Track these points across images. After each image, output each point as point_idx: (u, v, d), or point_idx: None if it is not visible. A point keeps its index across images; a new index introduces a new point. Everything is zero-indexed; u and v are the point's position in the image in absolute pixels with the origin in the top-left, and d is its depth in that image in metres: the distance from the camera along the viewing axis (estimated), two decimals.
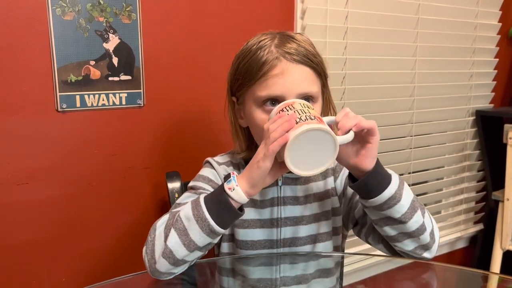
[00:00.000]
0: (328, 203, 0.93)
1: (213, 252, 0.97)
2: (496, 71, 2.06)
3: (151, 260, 0.76)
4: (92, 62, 1.14)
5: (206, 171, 0.93)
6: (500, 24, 2.01)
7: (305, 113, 0.72)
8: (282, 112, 0.74)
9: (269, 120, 0.75)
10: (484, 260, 1.99)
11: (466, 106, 2.00)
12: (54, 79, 1.11)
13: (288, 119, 0.70)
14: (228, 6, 1.32)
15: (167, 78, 1.26)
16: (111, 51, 1.16)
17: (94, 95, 1.16)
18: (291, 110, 0.73)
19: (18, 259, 1.13)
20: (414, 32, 1.74)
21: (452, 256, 2.12)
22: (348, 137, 0.72)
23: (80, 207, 1.19)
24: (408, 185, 0.81)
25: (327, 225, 0.93)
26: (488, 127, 2.01)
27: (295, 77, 0.81)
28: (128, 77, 1.20)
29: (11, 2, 1.04)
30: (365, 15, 1.59)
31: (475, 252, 2.14)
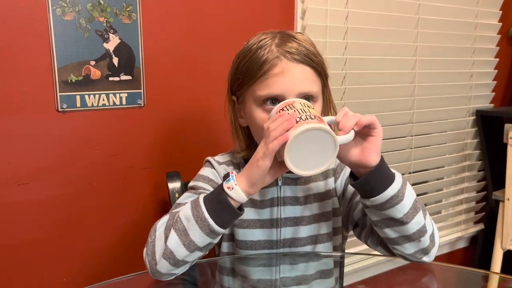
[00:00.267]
0: (329, 204, 0.93)
1: (214, 252, 0.97)
2: (497, 71, 2.05)
3: (152, 261, 0.76)
4: (93, 62, 1.14)
5: (206, 171, 0.93)
6: (500, 24, 2.01)
7: (306, 113, 0.72)
8: (283, 111, 0.74)
9: (269, 119, 0.75)
10: (485, 260, 1.99)
11: (467, 106, 2.00)
12: (55, 79, 1.11)
13: (289, 118, 0.70)
14: (228, 6, 1.32)
15: (167, 78, 1.26)
16: (112, 51, 1.16)
17: (95, 95, 1.16)
18: (292, 110, 0.73)
19: (18, 259, 1.13)
20: (414, 32, 1.74)
21: (453, 256, 2.12)
22: (349, 137, 0.72)
23: (80, 207, 1.19)
24: None
25: (328, 226, 0.92)
26: (489, 127, 2.01)
27: (296, 77, 0.81)
28: (129, 77, 1.20)
29: (11, 2, 1.04)
30: (365, 15, 1.59)
31: (476, 252, 2.14)
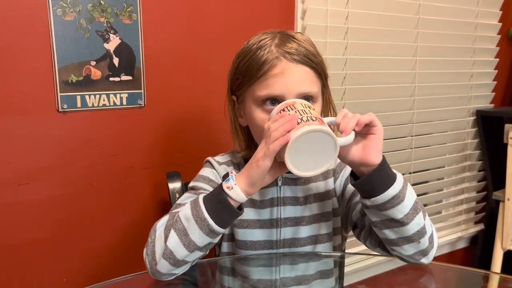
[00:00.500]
0: (329, 204, 0.93)
1: (214, 252, 0.97)
2: (497, 71, 2.05)
3: (152, 261, 0.76)
4: (93, 63, 1.14)
5: (206, 171, 0.93)
6: (501, 24, 2.01)
7: (306, 114, 0.71)
8: (283, 112, 0.74)
9: (270, 119, 0.75)
10: (485, 260, 1.99)
11: (467, 106, 2.00)
12: (55, 80, 1.11)
13: (290, 119, 0.70)
14: (228, 6, 1.32)
15: (168, 78, 1.26)
16: (112, 52, 1.16)
17: (95, 96, 1.16)
18: (292, 110, 0.73)
19: (18, 259, 1.13)
20: (415, 32, 1.74)
21: (453, 256, 2.12)
22: (349, 139, 0.72)
23: (81, 207, 1.19)
24: None
25: (328, 226, 0.92)
26: (489, 127, 2.01)
27: (295, 77, 0.81)
28: (129, 77, 1.20)
29: (11, 2, 1.04)
30: (366, 15, 1.59)
31: (476, 252, 2.14)
